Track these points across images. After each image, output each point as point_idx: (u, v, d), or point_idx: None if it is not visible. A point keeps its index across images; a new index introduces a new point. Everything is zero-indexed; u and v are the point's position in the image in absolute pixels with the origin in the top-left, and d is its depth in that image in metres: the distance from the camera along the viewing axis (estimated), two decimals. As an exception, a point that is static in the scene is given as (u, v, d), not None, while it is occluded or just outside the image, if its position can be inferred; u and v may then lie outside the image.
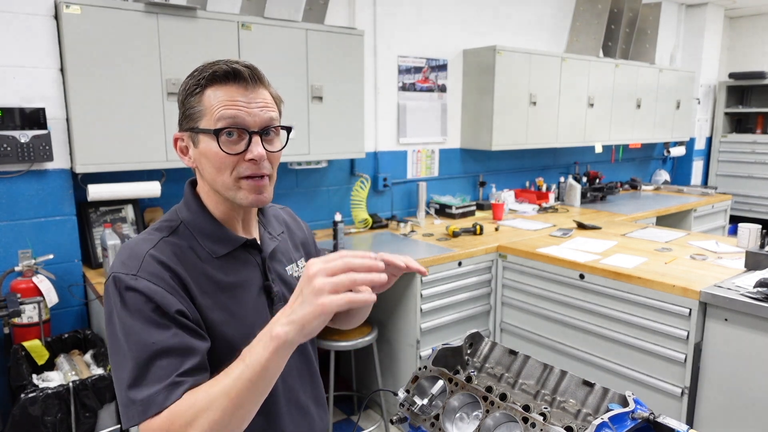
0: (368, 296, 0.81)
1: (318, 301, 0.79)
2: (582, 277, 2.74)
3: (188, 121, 1.02)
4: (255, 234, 1.15)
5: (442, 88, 3.97)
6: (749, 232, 2.87)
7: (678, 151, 5.74)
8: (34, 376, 2.16)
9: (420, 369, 1.24)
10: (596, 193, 4.65)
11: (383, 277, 0.83)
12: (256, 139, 0.99)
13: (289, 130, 1.07)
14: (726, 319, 2.25)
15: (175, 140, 1.06)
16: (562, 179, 4.66)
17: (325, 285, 0.79)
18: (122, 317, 0.93)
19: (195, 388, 0.88)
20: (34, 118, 2.35)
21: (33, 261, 2.40)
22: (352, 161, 3.59)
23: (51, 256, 2.45)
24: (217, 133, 0.98)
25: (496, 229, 3.51)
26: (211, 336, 0.99)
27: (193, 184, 1.11)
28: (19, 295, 2.26)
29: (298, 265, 1.22)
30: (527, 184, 4.63)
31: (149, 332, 0.90)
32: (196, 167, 1.06)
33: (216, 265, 1.05)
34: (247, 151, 0.99)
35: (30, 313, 2.34)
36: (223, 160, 0.99)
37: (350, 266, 0.81)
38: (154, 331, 0.91)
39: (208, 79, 0.99)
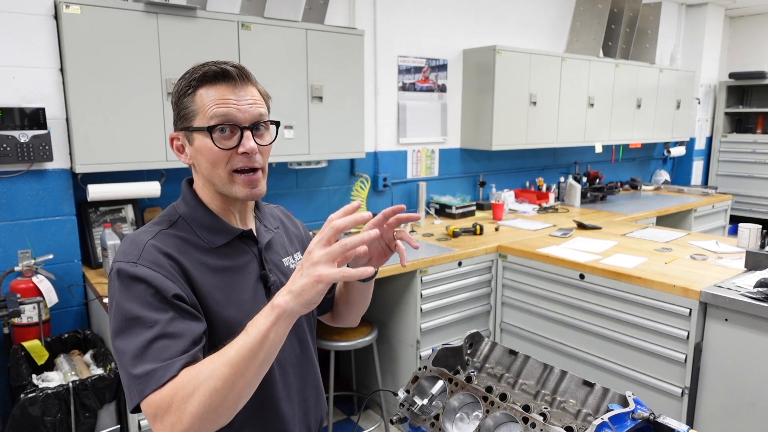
0: (362, 271, 0.85)
1: (315, 271, 0.85)
2: (582, 277, 2.73)
3: (183, 121, 1.07)
4: (252, 227, 1.19)
5: (442, 88, 3.96)
6: (749, 232, 2.87)
7: (678, 151, 5.74)
8: (33, 376, 2.16)
9: (420, 369, 1.23)
10: (596, 193, 4.65)
11: (373, 233, 0.91)
12: (248, 133, 1.05)
13: (277, 124, 1.12)
14: (726, 319, 2.25)
15: (172, 140, 1.11)
16: (562, 179, 4.66)
17: (321, 256, 0.86)
18: (123, 302, 0.96)
19: (194, 363, 0.91)
20: (34, 118, 2.35)
21: (33, 261, 2.39)
22: (352, 161, 3.59)
23: (51, 256, 2.45)
24: (210, 130, 1.03)
25: (496, 229, 3.51)
26: (209, 317, 1.03)
27: (190, 182, 1.15)
28: (18, 295, 2.25)
29: (294, 258, 1.26)
30: (527, 184, 4.63)
31: (148, 316, 0.94)
32: (192, 164, 1.11)
33: (214, 255, 1.09)
34: (239, 145, 1.04)
35: (30, 313, 2.34)
36: (217, 155, 1.04)
37: (338, 228, 0.88)
38: (153, 314, 0.94)
39: (198, 80, 1.04)
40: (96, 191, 2.49)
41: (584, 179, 4.72)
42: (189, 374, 0.88)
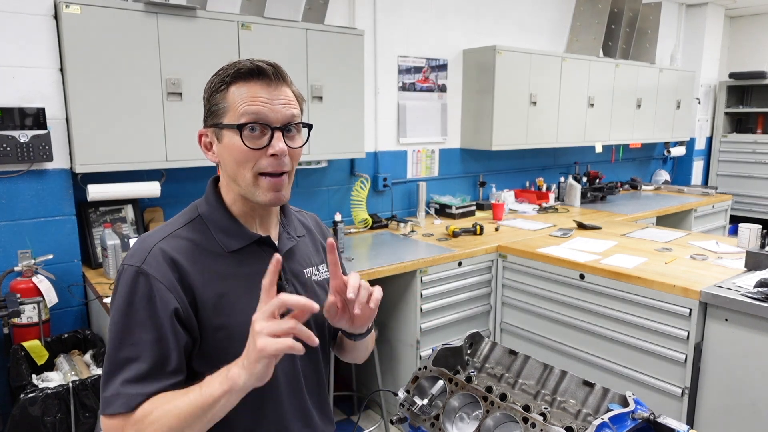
0: (299, 347, 0.85)
1: (258, 344, 0.84)
2: (582, 277, 2.73)
3: (213, 118, 1.05)
4: (273, 233, 1.15)
5: (442, 88, 3.96)
6: (749, 232, 2.87)
7: (678, 151, 5.73)
8: (33, 376, 2.16)
9: (420, 369, 1.23)
10: (596, 193, 4.65)
11: (314, 307, 0.87)
12: (278, 134, 1.02)
13: (310, 127, 1.09)
14: (726, 319, 2.25)
15: (200, 136, 1.09)
16: (562, 179, 4.66)
17: (263, 328, 0.84)
18: (119, 306, 0.98)
19: (156, 396, 0.94)
20: (34, 118, 2.35)
21: (33, 261, 2.39)
22: (352, 161, 3.58)
23: (50, 256, 2.44)
24: (240, 128, 1.00)
25: (496, 229, 3.51)
26: (206, 327, 1.02)
27: (216, 180, 1.13)
28: (18, 295, 2.25)
29: (318, 269, 1.22)
30: (527, 184, 4.63)
31: (134, 333, 0.96)
32: (218, 163, 1.08)
33: (227, 260, 1.06)
34: (269, 146, 1.01)
35: (30, 313, 2.34)
36: (245, 154, 1.01)
37: (284, 303, 0.86)
38: (139, 332, 0.96)
39: (232, 76, 1.02)
40: (96, 191, 2.49)
41: (584, 179, 4.72)
42: (142, 412, 0.92)
